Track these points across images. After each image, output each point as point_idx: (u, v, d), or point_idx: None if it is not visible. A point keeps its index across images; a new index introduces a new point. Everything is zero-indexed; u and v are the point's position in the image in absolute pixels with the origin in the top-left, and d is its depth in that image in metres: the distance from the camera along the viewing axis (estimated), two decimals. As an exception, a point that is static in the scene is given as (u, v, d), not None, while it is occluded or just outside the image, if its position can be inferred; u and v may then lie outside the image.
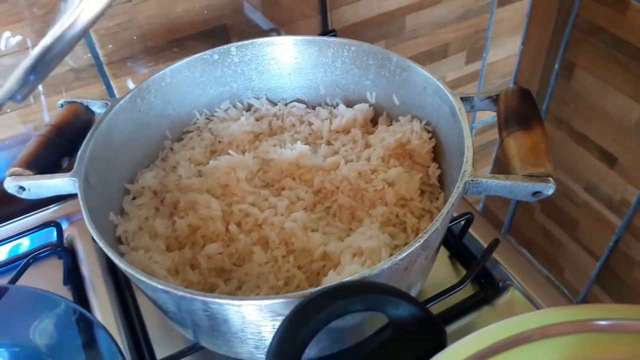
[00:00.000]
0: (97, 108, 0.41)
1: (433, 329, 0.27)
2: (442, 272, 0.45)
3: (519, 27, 0.87)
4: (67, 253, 0.47)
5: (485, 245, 0.44)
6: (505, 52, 0.89)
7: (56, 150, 0.37)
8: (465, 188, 0.32)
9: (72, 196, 0.35)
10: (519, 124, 0.35)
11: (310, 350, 0.34)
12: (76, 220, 0.51)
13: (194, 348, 0.38)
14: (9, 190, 0.35)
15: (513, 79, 0.92)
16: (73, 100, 0.41)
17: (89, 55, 0.55)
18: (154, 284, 0.28)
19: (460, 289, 0.40)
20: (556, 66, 0.84)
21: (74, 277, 0.47)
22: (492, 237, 0.45)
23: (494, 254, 0.45)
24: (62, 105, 0.41)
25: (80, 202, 0.34)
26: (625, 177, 0.80)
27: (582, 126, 0.84)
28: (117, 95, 0.58)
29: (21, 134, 0.54)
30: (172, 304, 0.31)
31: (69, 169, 0.36)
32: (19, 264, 0.45)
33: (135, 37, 0.56)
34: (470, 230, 0.47)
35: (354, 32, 0.68)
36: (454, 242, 0.47)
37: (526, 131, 0.34)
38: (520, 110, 0.36)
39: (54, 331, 0.37)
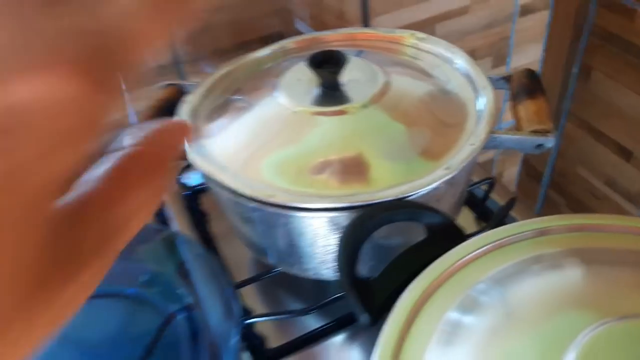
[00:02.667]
0: (190, 89, 0.52)
1: (456, 234, 0.36)
2: (469, 228, 0.54)
3: (540, 35, 0.96)
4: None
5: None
6: (528, 58, 0.98)
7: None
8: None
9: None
10: (526, 94, 0.44)
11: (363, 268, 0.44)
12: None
13: (268, 273, 0.48)
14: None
15: (536, 82, 1.00)
16: (172, 82, 0.52)
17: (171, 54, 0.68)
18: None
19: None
20: (575, 70, 0.93)
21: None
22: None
23: (513, 214, 0.54)
24: (160, 88, 0.52)
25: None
26: (641, 170, 0.87)
27: (600, 124, 0.92)
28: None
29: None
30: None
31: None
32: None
33: (208, 40, 0.68)
34: (494, 196, 0.56)
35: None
36: (479, 205, 0.56)
37: (532, 100, 0.44)
38: (528, 84, 0.45)
39: (149, 254, 0.48)
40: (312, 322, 0.47)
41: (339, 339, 0.45)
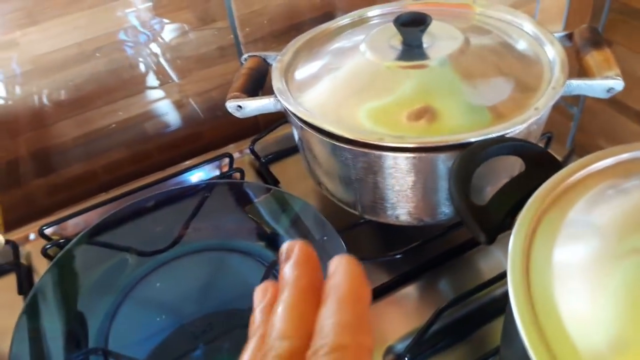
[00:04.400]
0: (271, 60, 0.56)
1: (553, 163, 0.40)
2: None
3: (559, 15, 1.01)
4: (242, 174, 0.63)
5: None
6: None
7: (254, 84, 0.52)
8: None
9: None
10: (592, 46, 0.49)
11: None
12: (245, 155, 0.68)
13: (357, 224, 0.51)
14: (230, 109, 0.50)
15: (557, 60, 1.05)
16: (255, 54, 0.56)
17: (231, 36, 0.71)
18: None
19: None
20: (595, 45, 0.97)
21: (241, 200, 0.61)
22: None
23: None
24: (245, 59, 0.56)
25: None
26: (663, 138, 0.92)
27: (622, 95, 0.97)
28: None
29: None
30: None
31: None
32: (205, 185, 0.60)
33: (265, 22, 0.72)
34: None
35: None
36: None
37: (598, 50, 0.48)
38: (591, 38, 0.50)
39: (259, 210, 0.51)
40: (397, 267, 0.50)
41: (422, 282, 0.50)
